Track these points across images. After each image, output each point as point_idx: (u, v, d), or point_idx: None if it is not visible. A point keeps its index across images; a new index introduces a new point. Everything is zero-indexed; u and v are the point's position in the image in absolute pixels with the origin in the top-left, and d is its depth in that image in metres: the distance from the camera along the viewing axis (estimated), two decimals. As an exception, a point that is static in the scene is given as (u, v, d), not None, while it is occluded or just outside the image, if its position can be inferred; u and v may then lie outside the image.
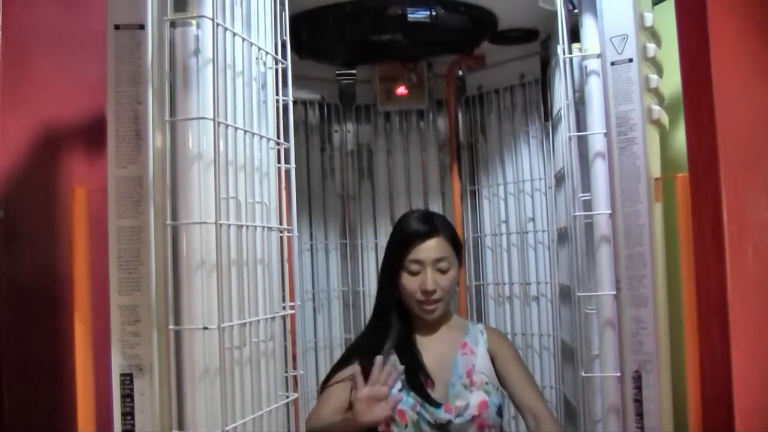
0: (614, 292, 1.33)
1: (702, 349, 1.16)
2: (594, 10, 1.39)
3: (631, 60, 1.30)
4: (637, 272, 1.30)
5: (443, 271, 1.75)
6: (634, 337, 1.30)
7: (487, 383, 1.75)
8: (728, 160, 1.11)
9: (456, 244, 1.81)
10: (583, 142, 1.44)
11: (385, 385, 1.66)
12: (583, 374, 1.41)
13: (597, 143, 1.37)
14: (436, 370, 1.76)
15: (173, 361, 1.07)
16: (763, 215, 1.13)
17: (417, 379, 1.72)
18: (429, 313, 1.76)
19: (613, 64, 1.32)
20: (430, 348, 1.80)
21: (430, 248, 1.74)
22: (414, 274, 1.74)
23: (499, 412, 1.74)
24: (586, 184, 1.42)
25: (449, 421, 1.68)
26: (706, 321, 1.16)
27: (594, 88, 1.39)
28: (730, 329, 1.08)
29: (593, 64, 1.38)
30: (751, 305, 1.11)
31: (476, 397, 1.72)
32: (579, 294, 1.42)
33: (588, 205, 1.40)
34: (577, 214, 1.43)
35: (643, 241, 1.29)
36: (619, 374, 1.33)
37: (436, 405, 1.69)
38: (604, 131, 1.34)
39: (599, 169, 1.37)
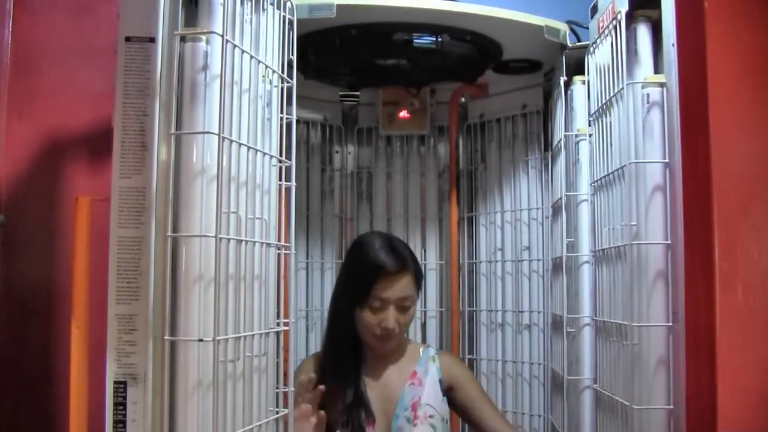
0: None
1: (689, 383, 1.17)
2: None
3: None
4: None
5: (405, 309, 1.69)
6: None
7: (432, 416, 1.71)
8: (722, 198, 1.13)
9: (419, 279, 1.76)
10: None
11: (308, 401, 1.57)
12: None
13: (656, 174, 1.34)
14: (382, 402, 1.73)
15: (167, 371, 1.08)
16: (753, 254, 1.15)
17: (358, 418, 1.68)
18: (384, 346, 1.73)
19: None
20: (379, 379, 1.77)
21: (397, 288, 1.67)
22: (375, 310, 1.67)
23: None
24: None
25: None
26: (694, 356, 1.17)
27: (655, 117, 1.36)
28: (717, 365, 1.09)
29: (655, 95, 1.36)
30: (739, 342, 1.12)
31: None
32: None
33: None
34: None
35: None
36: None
37: None
38: (666, 161, 1.32)
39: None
